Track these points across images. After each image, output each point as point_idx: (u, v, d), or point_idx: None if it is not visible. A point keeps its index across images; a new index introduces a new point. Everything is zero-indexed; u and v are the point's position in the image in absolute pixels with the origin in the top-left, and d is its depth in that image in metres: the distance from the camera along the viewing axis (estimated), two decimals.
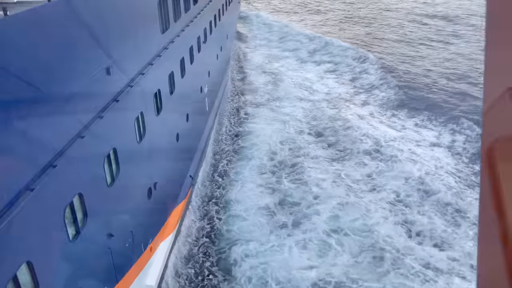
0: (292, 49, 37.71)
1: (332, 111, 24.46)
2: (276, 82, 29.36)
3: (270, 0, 59.59)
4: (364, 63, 32.55)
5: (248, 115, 24.31)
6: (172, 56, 12.51)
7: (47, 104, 6.16)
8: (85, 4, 7.36)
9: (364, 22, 45.82)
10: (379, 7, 51.91)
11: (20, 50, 5.53)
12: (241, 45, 39.27)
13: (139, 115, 9.81)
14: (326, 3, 55.74)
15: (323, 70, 32.41)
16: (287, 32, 42.22)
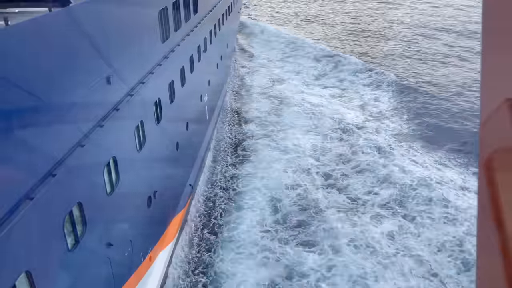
0: (297, 68, 34.34)
1: (343, 148, 21.05)
2: (281, 109, 26.12)
3: (273, 13, 57.57)
4: (376, 86, 29.57)
5: (248, 150, 20.84)
6: (172, 65, 12.57)
7: (47, 113, 6.18)
8: (86, 14, 7.41)
9: (374, 36, 42.64)
10: (387, 20, 49.09)
11: (21, 60, 5.56)
12: (243, 62, 36.07)
13: (139, 124, 9.83)
14: (332, 17, 52.76)
15: (332, 94, 29.11)
16: (293, 47, 39.34)
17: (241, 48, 40.21)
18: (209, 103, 19.21)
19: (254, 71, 33.33)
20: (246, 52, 39.31)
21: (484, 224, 1.37)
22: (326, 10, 56.10)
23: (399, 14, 50.94)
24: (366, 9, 54.25)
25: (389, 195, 17.13)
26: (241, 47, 40.44)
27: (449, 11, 49.64)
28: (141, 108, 9.99)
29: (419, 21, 46.86)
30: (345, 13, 53.52)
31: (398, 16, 49.68)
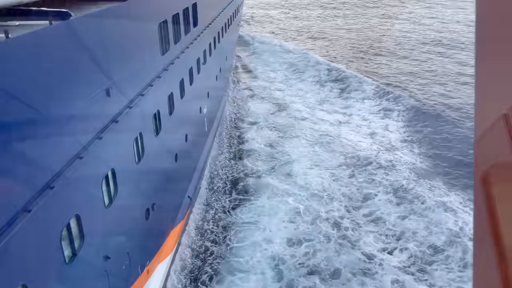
0: (301, 90, 32.09)
1: (355, 189, 18.18)
2: (285, 138, 23.28)
3: (274, 27, 57.04)
4: (387, 110, 27.41)
5: (246, 193, 17.93)
6: (171, 77, 12.63)
7: (46, 125, 6.19)
8: (86, 27, 7.47)
9: (382, 54, 40.75)
10: (394, 36, 47.39)
11: (21, 72, 5.59)
12: (243, 82, 33.54)
13: (138, 136, 9.83)
14: (336, 33, 51.12)
15: (339, 119, 26.25)
16: (296, 65, 37.37)
17: (242, 64, 38.82)
18: (208, 115, 19.26)
19: (254, 94, 30.86)
20: (247, 70, 37.51)
21: (481, 239, 1.37)
22: (329, 25, 55.45)
23: (405, 29, 49.99)
24: (373, 25, 53.46)
25: (409, 255, 14.17)
26: (242, 64, 39.08)
27: (458, 28, 48.64)
28: (140, 120, 10.00)
29: (428, 38, 45.52)
30: (349, 29, 52.51)
31: (404, 32, 48.72)
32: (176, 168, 13.58)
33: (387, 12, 61.23)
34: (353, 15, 60.33)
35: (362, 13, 61.47)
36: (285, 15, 62.53)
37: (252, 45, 45.24)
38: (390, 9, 63.50)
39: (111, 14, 8.70)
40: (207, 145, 19.15)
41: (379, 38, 46.86)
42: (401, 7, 64.67)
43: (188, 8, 15.01)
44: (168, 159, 12.73)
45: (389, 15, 58.96)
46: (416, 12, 59.85)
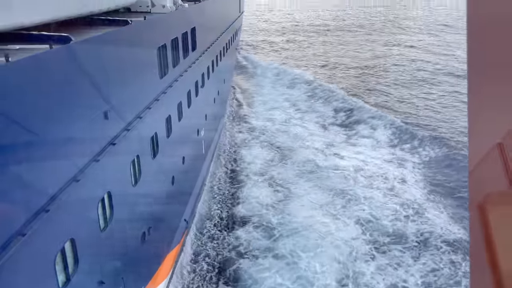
0: (307, 129, 28.48)
1: (372, 266, 14.26)
2: (288, 201, 18.77)
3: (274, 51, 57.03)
4: (404, 159, 23.52)
5: (236, 282, 13.87)
6: (169, 100, 12.71)
7: (43, 149, 6.18)
8: (86, 52, 7.56)
9: (395, 84, 38.94)
10: (406, 66, 45.42)
11: (20, 96, 5.62)
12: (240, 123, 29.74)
13: (135, 158, 9.82)
14: (343, 60, 49.45)
15: (354, 167, 22.20)
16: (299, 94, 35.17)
17: (239, 98, 35.76)
18: (206, 137, 19.30)
19: (252, 138, 26.75)
20: (246, 104, 34.20)
21: (477, 267, 1.36)
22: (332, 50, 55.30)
23: (427, 58, 48.72)
24: (385, 53, 52.86)
25: None
26: (240, 97, 36.00)
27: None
28: (138, 142, 10.01)
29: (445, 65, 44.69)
30: (357, 56, 51.58)
31: (425, 61, 47.46)
32: (173, 191, 13.51)
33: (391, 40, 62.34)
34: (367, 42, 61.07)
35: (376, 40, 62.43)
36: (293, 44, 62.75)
37: (253, 72, 44.01)
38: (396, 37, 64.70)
39: (111, 39, 8.83)
40: (204, 168, 19.11)
41: (392, 68, 45.73)
42: (404, 35, 66.05)
43: (187, 32, 15.25)
44: (165, 181, 12.67)
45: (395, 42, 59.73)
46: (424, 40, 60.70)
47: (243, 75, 44.09)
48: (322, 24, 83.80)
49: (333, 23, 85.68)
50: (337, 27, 79.90)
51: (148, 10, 13.87)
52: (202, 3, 20.05)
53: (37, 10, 7.39)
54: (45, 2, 7.57)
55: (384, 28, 76.85)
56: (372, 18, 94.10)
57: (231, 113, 31.60)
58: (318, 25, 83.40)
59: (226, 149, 25.06)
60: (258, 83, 41.25)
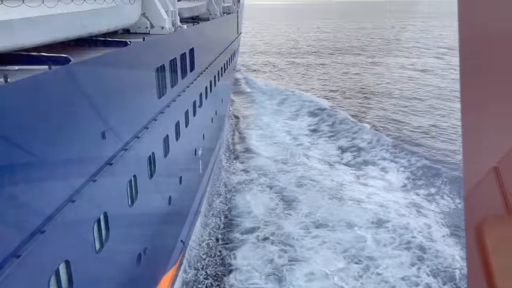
0: (316, 167, 25.76)
1: None
2: (292, 266, 15.89)
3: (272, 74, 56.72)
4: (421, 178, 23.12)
5: None
6: (167, 120, 12.75)
7: (41, 169, 6.15)
8: (85, 72, 7.62)
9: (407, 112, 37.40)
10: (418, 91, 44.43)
11: (18, 116, 5.63)
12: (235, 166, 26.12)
13: (132, 179, 9.78)
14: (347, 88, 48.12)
15: (371, 220, 19.06)
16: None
17: (240, 135, 32.41)
18: (203, 157, 19.28)
19: (251, 180, 23.60)
20: (245, 138, 31.12)
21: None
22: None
23: (438, 83, 48.23)
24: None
25: None
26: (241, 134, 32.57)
27: None
28: (135, 162, 9.99)
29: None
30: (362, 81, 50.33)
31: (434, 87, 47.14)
32: (170, 211, 13.41)
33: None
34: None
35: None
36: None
37: (252, 97, 42.37)
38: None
39: (110, 60, 8.91)
40: (202, 188, 19.02)
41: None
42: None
43: (185, 53, 15.40)
44: (161, 202, 12.59)
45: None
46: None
47: (242, 99, 42.88)
48: (321, 46, 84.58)
49: (333, 44, 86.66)
50: (338, 48, 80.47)
51: (147, 31, 14.04)
52: (200, 25, 20.34)
53: (38, 32, 7.47)
54: (45, 24, 7.66)
55: (386, 48, 77.59)
56: (373, 39, 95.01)
57: (228, 147, 28.88)
58: (317, 46, 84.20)
59: (222, 192, 22.00)
60: (258, 110, 39.09)
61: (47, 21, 7.56)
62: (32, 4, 6.94)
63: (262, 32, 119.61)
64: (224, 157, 26.95)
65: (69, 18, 8.34)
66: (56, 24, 7.95)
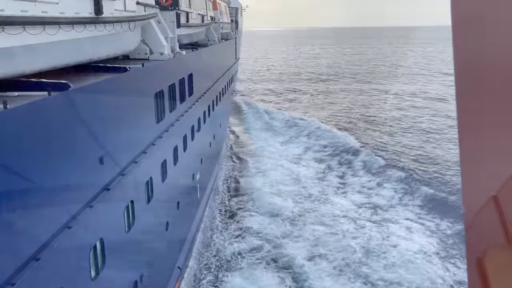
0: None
1: None
2: None
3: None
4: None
5: None
6: (166, 144, 12.75)
7: (37, 195, 6.10)
8: (84, 98, 7.67)
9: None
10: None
11: (17, 143, 5.63)
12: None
13: (129, 204, 9.70)
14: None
15: None
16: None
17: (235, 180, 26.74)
18: (201, 181, 19.20)
19: (249, 251, 18.22)
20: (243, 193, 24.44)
21: None
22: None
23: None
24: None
25: None
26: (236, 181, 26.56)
27: None
28: (132, 188, 9.93)
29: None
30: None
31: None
32: (167, 237, 13.24)
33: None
34: None
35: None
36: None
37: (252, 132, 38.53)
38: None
39: (109, 85, 8.99)
40: (199, 213, 18.85)
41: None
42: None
43: (184, 78, 15.57)
44: (158, 227, 12.45)
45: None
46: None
47: (242, 130, 39.69)
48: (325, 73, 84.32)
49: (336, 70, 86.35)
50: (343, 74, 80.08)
51: (147, 57, 14.23)
52: (199, 51, 20.63)
53: (38, 58, 7.56)
54: (46, 51, 7.76)
55: (392, 74, 77.19)
56: (376, 65, 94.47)
57: (222, 203, 23.44)
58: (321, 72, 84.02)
59: (212, 266, 16.95)
60: (259, 149, 33.16)
61: (47, 48, 7.66)
62: (33, 32, 7.04)
63: (260, 59, 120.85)
64: (217, 214, 21.91)
65: (70, 45, 8.46)
66: (56, 51, 8.06)
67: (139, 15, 12.53)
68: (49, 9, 7.42)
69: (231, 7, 47.92)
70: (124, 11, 11.34)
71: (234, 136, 38.32)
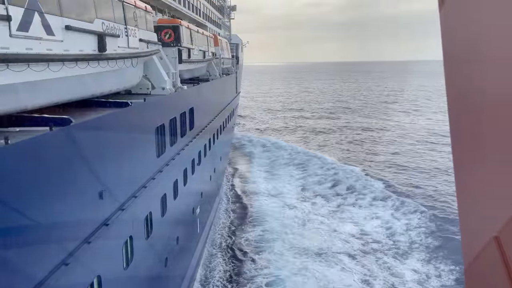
0: None
1: None
2: None
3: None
4: None
5: None
6: (166, 178, 12.70)
7: (35, 231, 6.03)
8: (85, 133, 7.71)
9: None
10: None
11: (17, 178, 5.61)
12: None
13: (128, 239, 9.56)
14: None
15: None
16: None
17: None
18: (201, 216, 18.99)
19: None
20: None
21: None
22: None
23: None
24: None
25: None
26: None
27: None
28: (131, 223, 9.81)
29: None
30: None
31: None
32: (166, 273, 12.96)
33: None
34: None
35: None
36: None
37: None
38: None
39: (111, 120, 9.06)
40: (199, 248, 18.54)
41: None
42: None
43: (185, 112, 15.71)
44: (157, 263, 12.21)
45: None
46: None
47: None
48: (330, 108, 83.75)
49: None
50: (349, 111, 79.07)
51: (148, 92, 14.42)
52: (200, 85, 20.93)
53: (41, 94, 7.65)
54: (49, 86, 7.87)
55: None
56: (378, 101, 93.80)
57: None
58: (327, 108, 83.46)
59: None
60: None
61: (51, 84, 7.77)
62: (37, 69, 7.17)
63: (261, 92, 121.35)
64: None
65: (73, 81, 8.58)
66: (59, 87, 8.16)
67: (141, 52, 12.79)
68: (54, 47, 7.58)
69: (232, 43, 49.06)
70: (127, 48, 11.59)
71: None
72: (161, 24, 18.54)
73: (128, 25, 11.65)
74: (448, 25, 1.52)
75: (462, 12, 1.39)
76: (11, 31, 6.37)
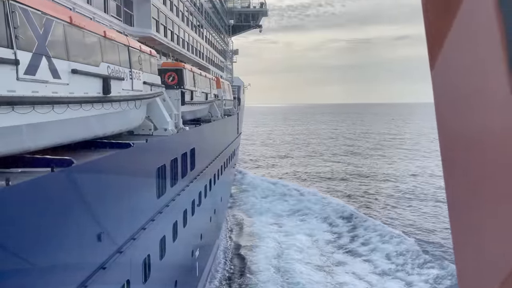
0: None
1: None
2: None
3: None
4: None
5: None
6: (165, 220, 12.56)
7: (32, 275, 5.90)
8: (86, 174, 7.72)
9: None
10: None
11: (17, 220, 5.57)
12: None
13: (125, 284, 9.32)
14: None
15: None
16: None
17: None
18: (200, 258, 18.60)
19: None
20: None
21: None
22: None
23: None
24: None
25: None
26: None
27: None
28: (129, 266, 9.61)
29: None
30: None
31: None
32: None
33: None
34: None
35: None
36: None
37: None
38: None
39: (112, 161, 9.10)
40: None
41: None
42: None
43: (186, 153, 15.78)
44: None
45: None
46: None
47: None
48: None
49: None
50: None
51: (151, 133, 14.55)
52: (202, 126, 21.16)
53: (45, 136, 7.73)
54: (53, 128, 7.96)
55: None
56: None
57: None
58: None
59: None
60: None
61: (54, 126, 7.87)
62: (42, 111, 7.29)
63: (263, 133, 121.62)
64: None
65: (77, 122, 8.70)
66: (63, 129, 8.26)
67: (145, 94, 13.04)
68: (60, 90, 7.74)
69: (234, 85, 50.09)
70: (131, 90, 11.83)
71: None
72: (165, 67, 19.03)
73: (133, 68, 11.95)
74: (440, 88, 1.56)
75: (452, 75, 1.43)
76: (18, 75, 6.53)
